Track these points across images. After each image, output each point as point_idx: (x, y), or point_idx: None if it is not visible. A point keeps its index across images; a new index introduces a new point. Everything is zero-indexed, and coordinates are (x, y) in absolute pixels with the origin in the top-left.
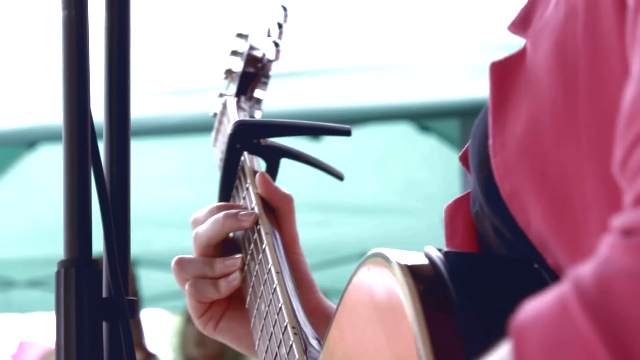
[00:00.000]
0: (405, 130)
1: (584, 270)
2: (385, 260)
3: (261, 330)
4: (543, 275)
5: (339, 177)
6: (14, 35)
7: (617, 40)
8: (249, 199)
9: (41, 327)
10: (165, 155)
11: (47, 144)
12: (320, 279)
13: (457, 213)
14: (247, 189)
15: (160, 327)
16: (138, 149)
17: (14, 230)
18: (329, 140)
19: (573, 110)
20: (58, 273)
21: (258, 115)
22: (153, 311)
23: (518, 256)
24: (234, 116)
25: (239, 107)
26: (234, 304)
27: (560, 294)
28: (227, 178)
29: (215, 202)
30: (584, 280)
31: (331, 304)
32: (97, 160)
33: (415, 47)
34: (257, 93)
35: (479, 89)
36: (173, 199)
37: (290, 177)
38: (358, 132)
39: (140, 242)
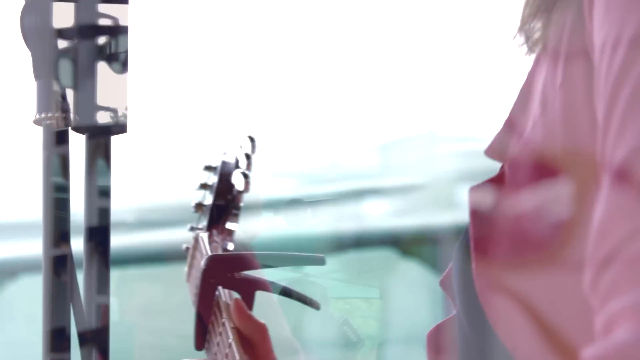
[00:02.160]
0: (388, 256)
1: None
2: None
3: None
4: None
5: (316, 307)
6: None
7: None
8: (225, 335)
9: None
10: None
11: (28, 275)
12: None
13: (438, 339)
14: (224, 324)
15: None
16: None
17: None
18: (312, 267)
19: None
20: None
21: (231, 247)
22: None
23: None
24: (206, 250)
25: (211, 241)
26: None
27: None
28: (202, 314)
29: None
30: None
31: None
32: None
33: (394, 173)
34: (229, 225)
35: (457, 215)
36: (154, 327)
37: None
38: (340, 258)
39: None
